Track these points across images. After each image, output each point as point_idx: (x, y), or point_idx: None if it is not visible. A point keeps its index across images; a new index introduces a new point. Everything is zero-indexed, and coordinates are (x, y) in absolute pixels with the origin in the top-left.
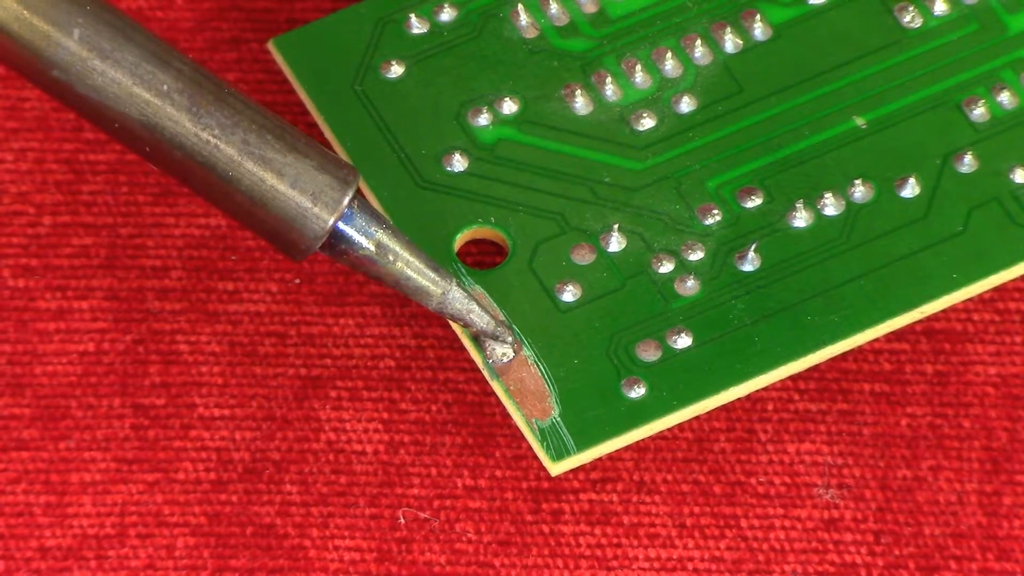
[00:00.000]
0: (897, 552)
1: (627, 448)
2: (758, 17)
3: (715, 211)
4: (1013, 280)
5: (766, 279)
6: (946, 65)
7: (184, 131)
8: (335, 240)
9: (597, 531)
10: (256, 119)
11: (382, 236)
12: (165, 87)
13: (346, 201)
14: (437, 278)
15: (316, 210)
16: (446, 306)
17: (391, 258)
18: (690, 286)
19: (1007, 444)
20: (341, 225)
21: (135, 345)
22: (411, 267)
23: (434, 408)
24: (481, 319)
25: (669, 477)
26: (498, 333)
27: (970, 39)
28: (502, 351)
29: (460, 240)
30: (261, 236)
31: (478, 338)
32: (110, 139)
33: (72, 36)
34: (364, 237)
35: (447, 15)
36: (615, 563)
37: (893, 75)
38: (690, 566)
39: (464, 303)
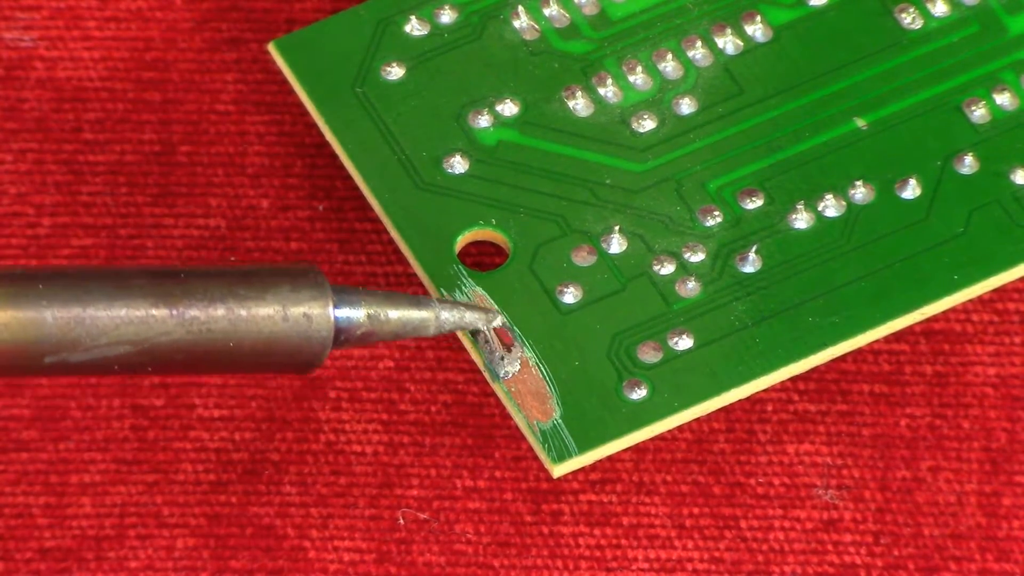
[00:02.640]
0: (896, 553)
1: (626, 449)
2: (758, 19)
3: (716, 212)
4: (1012, 281)
5: (767, 280)
6: (947, 66)
7: (174, 332)
8: (335, 338)
9: (596, 532)
10: (220, 279)
11: (367, 308)
12: (142, 311)
13: (331, 304)
14: (424, 312)
15: (315, 327)
16: (443, 329)
17: (383, 320)
18: (691, 287)
19: (1006, 445)
20: (338, 324)
21: None
22: (401, 317)
23: (433, 409)
24: (475, 319)
25: (668, 478)
26: (491, 319)
27: (970, 40)
28: (510, 366)
29: (461, 242)
30: (271, 372)
31: (479, 340)
32: (109, 140)
33: (47, 320)
34: (356, 319)
35: (447, 17)
36: (614, 564)
37: (893, 76)
38: (689, 567)
39: (455, 316)
